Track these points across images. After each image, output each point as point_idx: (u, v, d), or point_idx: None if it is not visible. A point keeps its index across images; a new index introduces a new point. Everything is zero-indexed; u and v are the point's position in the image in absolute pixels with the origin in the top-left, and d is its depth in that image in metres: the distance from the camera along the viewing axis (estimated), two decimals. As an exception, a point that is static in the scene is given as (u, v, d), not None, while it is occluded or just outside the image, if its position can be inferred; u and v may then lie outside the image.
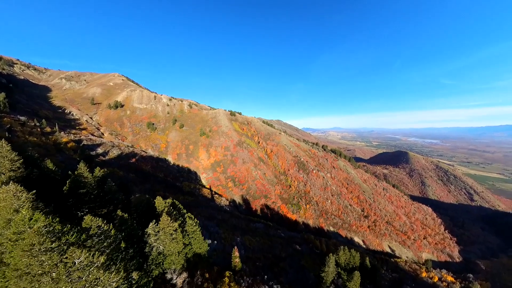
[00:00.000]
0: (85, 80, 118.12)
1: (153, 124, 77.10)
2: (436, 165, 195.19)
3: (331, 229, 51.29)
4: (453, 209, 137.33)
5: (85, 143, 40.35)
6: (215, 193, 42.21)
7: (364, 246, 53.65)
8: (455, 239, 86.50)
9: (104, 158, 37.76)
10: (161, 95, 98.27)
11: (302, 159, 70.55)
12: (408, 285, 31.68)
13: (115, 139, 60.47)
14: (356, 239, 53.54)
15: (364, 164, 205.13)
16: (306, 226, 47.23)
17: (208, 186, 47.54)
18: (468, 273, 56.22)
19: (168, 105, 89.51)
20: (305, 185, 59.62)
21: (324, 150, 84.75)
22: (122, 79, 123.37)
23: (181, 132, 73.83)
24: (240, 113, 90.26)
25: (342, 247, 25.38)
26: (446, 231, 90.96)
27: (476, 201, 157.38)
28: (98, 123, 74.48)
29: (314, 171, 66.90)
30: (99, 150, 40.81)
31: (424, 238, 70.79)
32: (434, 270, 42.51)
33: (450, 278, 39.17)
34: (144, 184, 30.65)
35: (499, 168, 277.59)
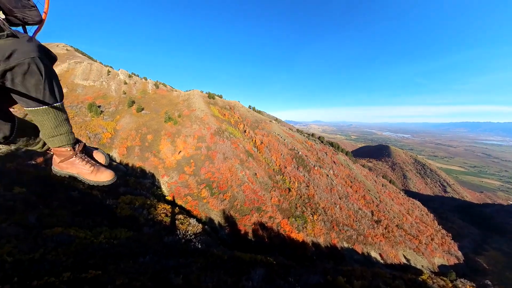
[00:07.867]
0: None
1: (98, 106, 54.93)
2: (415, 159, 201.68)
3: (345, 245, 38.66)
4: (432, 201, 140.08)
5: None
6: (180, 210, 25.44)
7: (382, 262, 42.47)
8: (450, 234, 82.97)
9: None
10: (118, 70, 74.39)
11: (300, 153, 56.48)
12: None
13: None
14: (373, 253, 41.98)
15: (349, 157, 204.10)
16: (316, 247, 33.79)
17: (170, 197, 30.45)
18: (473, 273, 52.20)
19: (126, 83, 66.86)
20: (308, 187, 46.03)
21: (322, 142, 72.69)
22: (67, 49, 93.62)
23: (138, 117, 53.46)
24: (220, 96, 72.00)
25: None
26: (440, 226, 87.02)
27: (449, 192, 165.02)
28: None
29: (316, 168, 53.62)
30: None
31: (431, 240, 63.69)
32: (457, 282, 33.40)
33: (475, 291, 30.04)
34: (32, 210, 12.91)
35: (460, 162, 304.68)
